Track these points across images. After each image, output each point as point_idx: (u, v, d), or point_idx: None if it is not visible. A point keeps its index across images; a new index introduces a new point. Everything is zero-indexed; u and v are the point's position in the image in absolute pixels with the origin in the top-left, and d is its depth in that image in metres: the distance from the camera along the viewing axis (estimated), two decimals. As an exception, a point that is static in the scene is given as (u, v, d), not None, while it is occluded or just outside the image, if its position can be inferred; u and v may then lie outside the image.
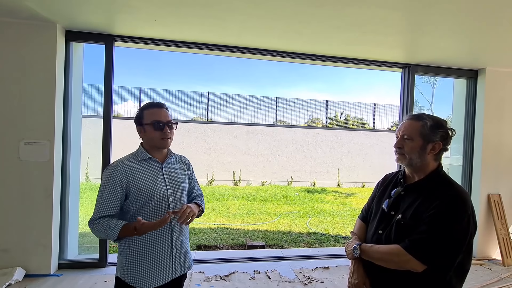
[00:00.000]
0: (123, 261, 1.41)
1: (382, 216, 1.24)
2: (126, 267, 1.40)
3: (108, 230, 1.29)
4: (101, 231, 1.31)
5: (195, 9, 2.36)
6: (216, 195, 8.23)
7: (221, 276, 2.87)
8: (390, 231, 1.18)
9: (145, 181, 1.39)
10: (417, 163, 1.18)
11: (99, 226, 1.31)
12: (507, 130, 3.66)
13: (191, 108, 11.35)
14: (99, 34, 2.92)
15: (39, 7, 2.39)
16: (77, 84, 3.13)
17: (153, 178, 1.42)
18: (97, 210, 1.34)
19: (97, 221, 1.33)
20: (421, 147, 1.16)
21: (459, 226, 1.06)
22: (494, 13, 2.25)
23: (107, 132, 2.98)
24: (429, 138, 1.16)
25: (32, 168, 2.69)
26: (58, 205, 2.86)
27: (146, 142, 1.47)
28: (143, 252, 1.39)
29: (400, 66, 3.56)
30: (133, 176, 1.38)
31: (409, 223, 1.12)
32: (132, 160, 1.43)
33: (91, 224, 1.35)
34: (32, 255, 2.72)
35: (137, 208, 1.38)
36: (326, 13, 2.36)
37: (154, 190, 1.40)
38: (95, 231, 1.35)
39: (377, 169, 11.11)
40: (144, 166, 1.43)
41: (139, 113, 1.46)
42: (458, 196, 1.10)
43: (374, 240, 1.24)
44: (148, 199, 1.38)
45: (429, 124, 1.16)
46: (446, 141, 1.17)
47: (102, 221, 1.32)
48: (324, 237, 4.92)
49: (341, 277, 2.94)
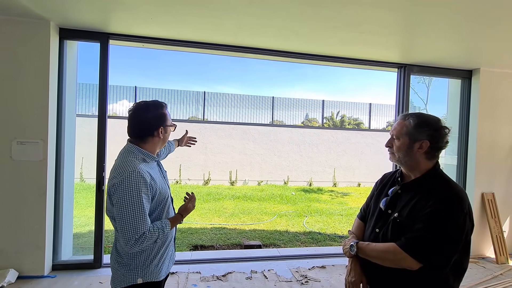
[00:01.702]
0: (145, 262, 1.31)
1: (379, 215, 1.25)
2: (150, 264, 1.31)
3: (162, 230, 1.27)
4: (155, 237, 1.25)
5: (191, 8, 2.34)
6: (212, 195, 8.20)
7: (218, 276, 2.85)
8: (387, 229, 1.18)
9: (160, 184, 1.34)
10: (407, 161, 1.19)
11: (153, 235, 1.23)
12: (500, 129, 3.71)
13: (187, 107, 11.30)
14: (94, 32, 2.88)
15: (32, 4, 2.35)
16: (71, 83, 3.09)
17: (161, 177, 1.40)
18: (141, 223, 1.19)
19: (148, 232, 1.22)
20: (407, 145, 1.17)
21: (455, 224, 1.05)
22: (488, 15, 2.27)
23: (102, 132, 2.95)
24: (414, 137, 1.16)
25: (25, 168, 2.65)
26: (52, 206, 2.82)
27: (155, 143, 1.37)
28: (170, 239, 1.42)
29: (396, 66, 3.58)
30: (154, 181, 1.30)
31: (406, 222, 1.12)
32: (141, 163, 1.30)
33: (141, 239, 1.19)
34: (25, 256, 2.67)
35: (158, 212, 1.33)
36: (322, 13, 2.36)
37: (167, 191, 1.39)
38: (148, 242, 1.23)
39: (372, 168, 11.18)
40: (152, 169, 1.35)
41: (162, 113, 1.36)
42: (454, 194, 1.10)
43: (372, 239, 1.24)
44: (166, 201, 1.36)
45: (413, 123, 1.17)
46: (435, 140, 1.15)
47: (151, 230, 1.23)
48: (320, 236, 4.93)
49: (338, 276, 2.95)
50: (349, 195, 9.23)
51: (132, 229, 1.18)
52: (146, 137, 1.34)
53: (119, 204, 1.20)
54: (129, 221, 1.18)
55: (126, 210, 1.18)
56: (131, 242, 1.18)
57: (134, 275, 1.29)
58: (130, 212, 1.18)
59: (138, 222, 1.19)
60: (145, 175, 1.24)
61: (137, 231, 1.19)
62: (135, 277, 1.29)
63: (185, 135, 2.06)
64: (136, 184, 1.20)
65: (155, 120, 1.35)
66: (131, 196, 1.19)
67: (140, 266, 1.30)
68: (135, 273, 1.29)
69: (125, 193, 1.19)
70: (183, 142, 2.03)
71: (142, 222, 1.20)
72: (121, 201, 1.19)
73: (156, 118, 1.35)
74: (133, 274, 1.29)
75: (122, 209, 1.18)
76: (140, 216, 1.19)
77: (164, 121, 1.38)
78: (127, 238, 1.18)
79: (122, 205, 1.19)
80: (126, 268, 1.30)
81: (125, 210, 1.18)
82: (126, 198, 1.19)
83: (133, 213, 1.18)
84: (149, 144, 1.36)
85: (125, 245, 1.21)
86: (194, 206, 1.48)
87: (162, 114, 1.37)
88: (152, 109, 1.36)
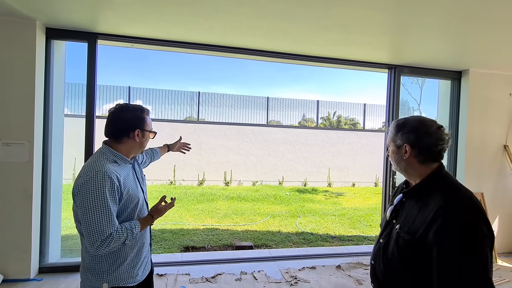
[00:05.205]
0: (111, 266, 1.27)
1: (386, 224, 1.21)
2: (117, 269, 1.28)
3: (131, 231, 1.24)
4: (123, 238, 1.21)
5: (179, 7, 2.32)
6: (206, 195, 8.17)
7: (207, 278, 2.84)
8: (389, 240, 1.13)
9: (130, 187, 1.31)
10: (401, 168, 1.15)
11: (120, 237, 1.19)
12: (489, 130, 3.74)
13: (182, 108, 11.25)
14: (82, 32, 2.85)
15: (16, 3, 2.31)
16: (59, 83, 3.05)
17: (133, 181, 1.37)
18: (106, 224, 1.15)
19: (115, 233, 1.18)
20: (395, 152, 1.14)
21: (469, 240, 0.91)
22: (476, 16, 2.29)
23: (89, 132, 2.93)
24: (396, 142, 1.13)
25: (10, 170, 2.61)
26: (38, 208, 2.78)
27: (130, 146, 1.34)
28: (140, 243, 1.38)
29: (386, 67, 3.60)
30: (122, 182, 1.25)
31: (405, 238, 1.05)
32: (111, 164, 1.26)
33: (107, 241, 1.15)
34: (10, 260, 2.63)
35: (126, 215, 1.29)
36: (312, 13, 2.36)
37: (138, 193, 1.35)
38: (116, 244, 1.19)
39: (367, 168, 11.24)
40: (123, 171, 1.31)
41: (142, 116, 1.35)
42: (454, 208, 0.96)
43: (376, 249, 1.21)
44: (135, 204, 1.33)
45: (393, 129, 1.15)
46: (416, 142, 1.07)
47: (119, 231, 1.20)
48: (312, 236, 4.94)
49: (328, 277, 2.95)
50: (344, 195, 9.26)
51: (97, 230, 1.14)
52: (121, 137, 1.32)
53: (83, 205, 1.15)
54: (94, 222, 1.14)
55: (90, 211, 1.14)
56: (96, 243, 1.15)
57: (99, 280, 1.25)
58: (95, 213, 1.14)
59: (103, 223, 1.15)
60: (112, 175, 1.20)
61: (103, 232, 1.15)
62: (100, 282, 1.25)
63: (178, 141, 2.04)
64: (101, 184, 1.16)
65: (133, 121, 1.33)
66: (95, 197, 1.15)
67: (105, 270, 1.26)
68: (101, 278, 1.26)
69: (89, 193, 1.15)
70: (175, 147, 2.01)
71: (108, 223, 1.16)
72: (85, 201, 1.15)
73: (134, 119, 1.33)
74: (98, 279, 1.26)
75: (87, 210, 1.15)
76: (105, 217, 1.16)
77: (143, 124, 1.35)
78: (93, 240, 1.14)
79: (86, 206, 1.15)
80: (91, 272, 1.26)
81: (89, 211, 1.14)
82: (90, 198, 1.15)
83: (98, 214, 1.15)
84: (124, 146, 1.33)
85: (90, 247, 1.16)
86: (166, 209, 1.43)
87: (141, 117, 1.36)
88: (131, 110, 1.35)
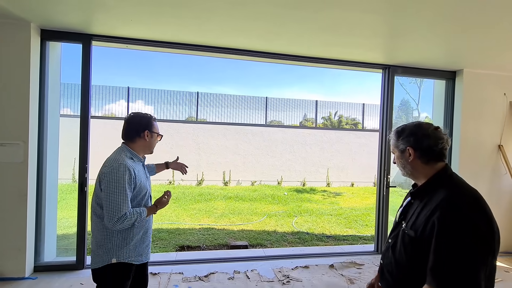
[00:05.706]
0: (121, 243, 1.54)
1: (395, 226, 1.25)
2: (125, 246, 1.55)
3: (139, 214, 1.55)
4: (133, 219, 1.52)
5: (172, 9, 2.34)
6: (204, 195, 8.19)
7: (200, 277, 2.86)
8: (396, 240, 1.17)
9: (141, 179, 1.62)
10: (408, 172, 1.19)
11: (132, 217, 1.51)
12: (483, 130, 3.75)
13: (181, 108, 11.27)
14: (76, 33, 2.88)
15: (10, 5, 2.34)
16: (55, 84, 3.09)
17: (144, 176, 1.68)
18: (123, 204, 1.47)
19: (129, 213, 1.49)
20: (400, 157, 1.20)
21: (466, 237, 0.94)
22: (469, 17, 2.30)
23: (84, 132, 2.95)
24: (399, 147, 1.19)
25: (4, 170, 2.64)
26: (34, 208, 2.81)
27: (142, 145, 1.67)
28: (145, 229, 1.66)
29: (380, 67, 3.61)
30: (136, 175, 1.57)
31: (410, 234, 1.09)
32: (129, 159, 1.59)
33: (122, 218, 1.47)
34: (5, 259, 2.67)
35: (136, 203, 1.59)
36: (305, 15, 2.38)
37: (146, 186, 1.67)
38: (128, 222, 1.49)
39: (366, 168, 11.24)
40: (137, 166, 1.63)
41: (150, 122, 1.68)
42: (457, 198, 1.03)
43: (384, 249, 1.25)
44: (144, 194, 1.63)
45: (394, 135, 1.22)
46: (417, 143, 1.13)
47: (132, 212, 1.51)
48: (308, 236, 4.95)
49: (320, 276, 2.97)
50: (342, 195, 9.27)
51: (116, 208, 1.46)
52: (134, 137, 1.65)
53: (107, 188, 1.47)
54: (114, 202, 1.46)
55: (112, 193, 1.46)
56: (114, 219, 1.46)
57: (109, 256, 1.53)
58: (116, 195, 1.47)
59: (121, 203, 1.47)
60: (130, 168, 1.53)
61: (120, 210, 1.46)
62: (110, 257, 1.52)
63: (176, 160, 2.17)
64: (122, 173, 1.49)
65: (142, 123, 1.66)
66: (117, 182, 1.48)
67: (116, 247, 1.54)
68: (111, 254, 1.53)
69: (112, 179, 1.48)
70: (172, 165, 2.15)
71: (124, 204, 1.48)
72: (109, 185, 1.47)
73: (143, 122, 1.67)
74: (109, 254, 1.53)
75: (109, 192, 1.47)
76: (123, 199, 1.48)
77: (150, 126, 1.68)
78: (111, 215, 1.46)
79: (109, 189, 1.47)
80: (103, 249, 1.53)
81: (111, 192, 1.47)
82: (113, 183, 1.47)
83: (118, 196, 1.47)
84: (137, 144, 1.66)
85: (108, 222, 1.47)
86: (168, 201, 1.74)
87: (149, 121, 1.68)
88: (141, 116, 1.70)
